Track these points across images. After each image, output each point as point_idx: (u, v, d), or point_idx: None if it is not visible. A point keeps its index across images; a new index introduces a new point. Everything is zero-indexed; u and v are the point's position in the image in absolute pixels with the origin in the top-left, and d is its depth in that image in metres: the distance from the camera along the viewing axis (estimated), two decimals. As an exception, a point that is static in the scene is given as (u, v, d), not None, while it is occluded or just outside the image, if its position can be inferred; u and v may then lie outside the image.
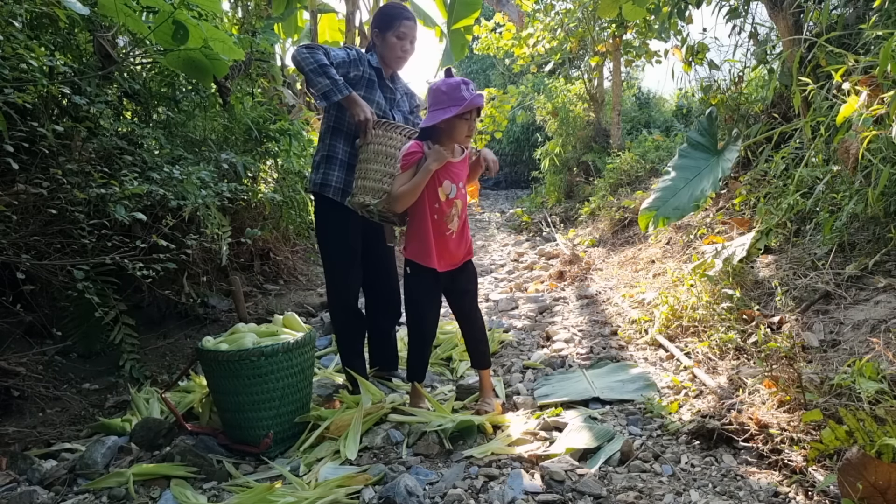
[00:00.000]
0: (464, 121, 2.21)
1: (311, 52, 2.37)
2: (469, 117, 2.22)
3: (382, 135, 2.38)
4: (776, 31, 3.79)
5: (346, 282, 2.65)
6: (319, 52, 2.39)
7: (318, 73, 2.34)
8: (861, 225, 2.69)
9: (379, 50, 2.60)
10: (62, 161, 2.74)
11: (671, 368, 2.69)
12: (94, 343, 3.08)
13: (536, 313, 3.98)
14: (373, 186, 2.33)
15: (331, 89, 2.34)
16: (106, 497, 1.98)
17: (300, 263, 5.13)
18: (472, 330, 2.48)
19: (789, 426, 1.87)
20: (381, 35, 2.57)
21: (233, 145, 4.07)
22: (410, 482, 1.82)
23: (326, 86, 2.34)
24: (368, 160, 2.37)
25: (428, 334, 2.45)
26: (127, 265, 2.62)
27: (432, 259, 2.29)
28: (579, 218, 7.03)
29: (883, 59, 2.15)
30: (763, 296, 2.82)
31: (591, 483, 1.82)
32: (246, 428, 2.22)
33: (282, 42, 7.00)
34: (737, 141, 3.40)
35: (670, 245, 4.34)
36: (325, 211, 2.61)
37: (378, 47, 2.60)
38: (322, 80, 2.34)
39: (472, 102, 2.17)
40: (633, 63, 8.31)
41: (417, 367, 2.47)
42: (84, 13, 2.46)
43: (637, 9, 4.34)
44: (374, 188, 2.33)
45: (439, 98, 2.19)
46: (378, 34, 2.59)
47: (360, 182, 2.38)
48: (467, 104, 2.15)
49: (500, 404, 2.46)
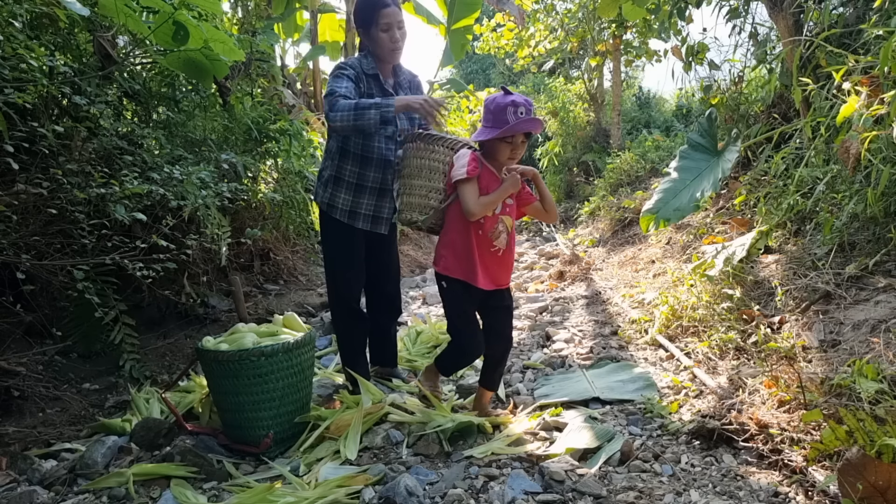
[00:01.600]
0: (506, 144, 2.12)
1: (335, 106, 2.25)
2: (511, 141, 2.12)
3: (424, 147, 2.26)
4: (776, 31, 3.79)
5: (348, 286, 2.65)
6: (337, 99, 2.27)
7: (360, 113, 2.21)
8: (861, 225, 2.69)
9: (371, 49, 2.47)
10: (62, 161, 2.74)
11: (671, 368, 2.69)
12: (94, 343, 3.08)
13: (536, 313, 3.97)
14: (418, 203, 2.26)
15: (381, 113, 2.20)
16: (106, 497, 1.97)
17: (300, 263, 5.13)
18: (501, 350, 2.33)
19: (789, 426, 1.87)
20: (366, 32, 2.44)
21: (233, 145, 4.07)
22: (410, 482, 1.82)
23: (375, 115, 2.21)
24: (412, 175, 2.28)
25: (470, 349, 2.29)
26: (127, 265, 2.62)
27: (475, 275, 2.17)
28: (579, 218, 7.04)
29: (883, 59, 2.15)
30: (763, 296, 2.82)
31: (591, 483, 1.82)
32: (246, 428, 2.22)
33: (282, 42, 7.00)
34: (736, 141, 3.41)
35: (670, 245, 4.34)
36: (331, 228, 2.59)
37: (368, 46, 2.48)
38: (368, 113, 2.21)
39: (515, 128, 2.07)
40: (633, 63, 8.31)
41: (448, 367, 2.43)
42: (84, 13, 2.46)
43: (637, 9, 4.35)
44: (419, 204, 2.26)
45: (486, 116, 2.11)
46: (363, 32, 2.47)
47: (406, 199, 2.29)
48: (507, 129, 2.05)
49: (509, 409, 2.45)
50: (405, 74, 2.61)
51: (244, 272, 4.41)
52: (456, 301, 2.25)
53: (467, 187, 2.10)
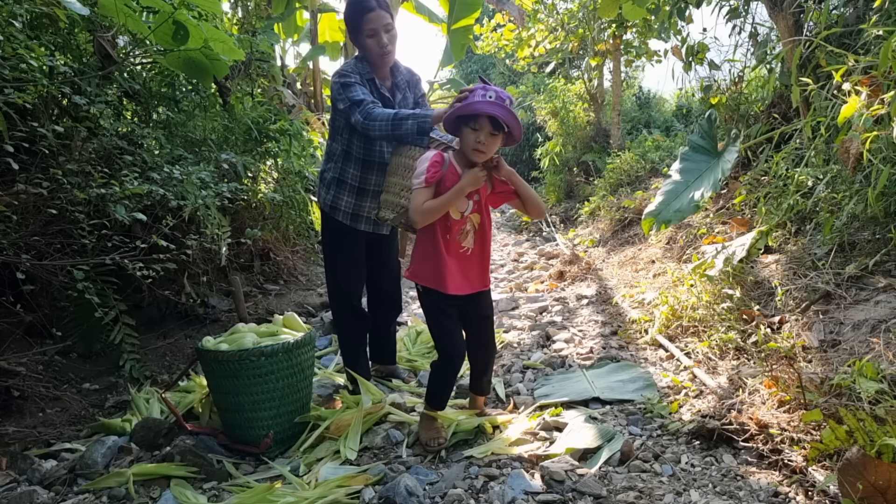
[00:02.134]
0: (470, 129, 1.97)
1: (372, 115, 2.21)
2: (477, 127, 1.95)
3: (404, 145, 2.28)
4: (776, 31, 3.79)
5: (349, 286, 2.66)
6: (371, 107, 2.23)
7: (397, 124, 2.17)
8: (861, 225, 2.69)
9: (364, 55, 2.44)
10: (62, 161, 2.74)
11: (671, 368, 2.69)
12: (94, 343, 3.08)
13: (536, 313, 3.97)
14: (392, 200, 2.28)
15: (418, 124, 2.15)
16: (106, 497, 1.98)
17: (300, 263, 5.13)
18: (484, 359, 2.28)
19: (789, 426, 1.87)
20: (355, 40, 2.41)
21: (233, 145, 4.07)
22: (410, 482, 1.82)
23: (412, 125, 2.15)
24: (390, 172, 2.30)
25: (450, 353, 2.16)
26: (127, 265, 2.62)
27: (443, 280, 2.07)
28: (579, 218, 7.04)
29: (883, 59, 2.15)
30: (763, 296, 2.81)
31: (591, 483, 1.82)
32: (246, 428, 2.22)
33: (282, 42, 7.00)
34: (736, 141, 3.41)
35: (670, 245, 4.34)
36: (333, 229, 2.60)
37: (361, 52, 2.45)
38: (406, 123, 2.15)
39: (474, 106, 1.91)
40: (633, 63, 8.31)
41: (438, 394, 2.20)
42: (84, 13, 2.47)
43: (637, 9, 4.35)
44: (392, 202, 2.28)
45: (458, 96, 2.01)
46: (353, 40, 2.43)
47: (383, 195, 2.32)
48: (465, 105, 1.92)
49: (509, 409, 2.45)
50: (403, 74, 2.58)
51: (244, 272, 4.41)
52: (429, 306, 2.16)
53: (417, 193, 2.02)
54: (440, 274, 2.07)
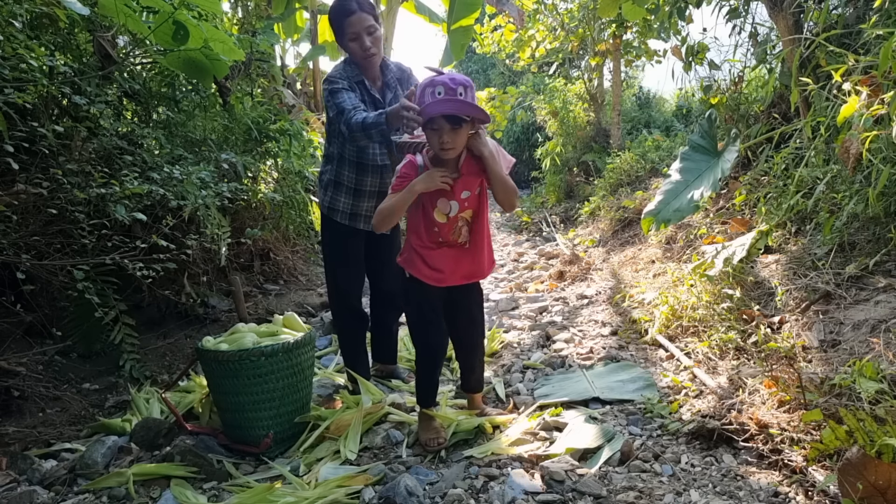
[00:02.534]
0: (431, 131, 1.90)
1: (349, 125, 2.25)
2: (436, 127, 1.88)
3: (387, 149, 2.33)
4: (776, 31, 3.78)
5: (348, 286, 2.66)
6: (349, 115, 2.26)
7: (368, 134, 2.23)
8: (861, 225, 2.69)
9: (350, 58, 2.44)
10: (62, 161, 2.74)
11: (671, 368, 2.69)
12: (94, 343, 3.08)
13: (536, 313, 3.97)
14: None
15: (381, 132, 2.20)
16: (106, 497, 1.98)
17: (300, 263, 5.13)
18: (468, 356, 2.30)
19: (789, 426, 1.87)
20: (340, 43, 2.41)
21: (233, 145, 4.07)
22: (410, 482, 1.82)
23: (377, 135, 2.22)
24: None
25: (425, 343, 2.18)
26: (127, 265, 2.62)
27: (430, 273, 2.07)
28: (579, 218, 7.03)
29: (883, 59, 2.15)
30: (763, 296, 2.81)
31: (591, 483, 1.82)
32: (246, 428, 2.22)
33: (282, 42, 7.01)
34: (736, 141, 3.40)
35: (670, 245, 4.33)
36: (332, 229, 2.61)
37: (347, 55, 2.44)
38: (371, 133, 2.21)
39: (425, 113, 1.86)
40: (633, 63, 8.30)
41: (424, 390, 2.20)
42: (84, 13, 2.47)
43: (637, 9, 4.34)
44: None
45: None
46: (338, 44, 2.43)
47: None
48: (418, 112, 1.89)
49: (509, 408, 2.44)
50: (392, 72, 2.55)
51: (244, 272, 4.41)
52: (413, 293, 2.15)
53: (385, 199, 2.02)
54: (427, 266, 2.07)
